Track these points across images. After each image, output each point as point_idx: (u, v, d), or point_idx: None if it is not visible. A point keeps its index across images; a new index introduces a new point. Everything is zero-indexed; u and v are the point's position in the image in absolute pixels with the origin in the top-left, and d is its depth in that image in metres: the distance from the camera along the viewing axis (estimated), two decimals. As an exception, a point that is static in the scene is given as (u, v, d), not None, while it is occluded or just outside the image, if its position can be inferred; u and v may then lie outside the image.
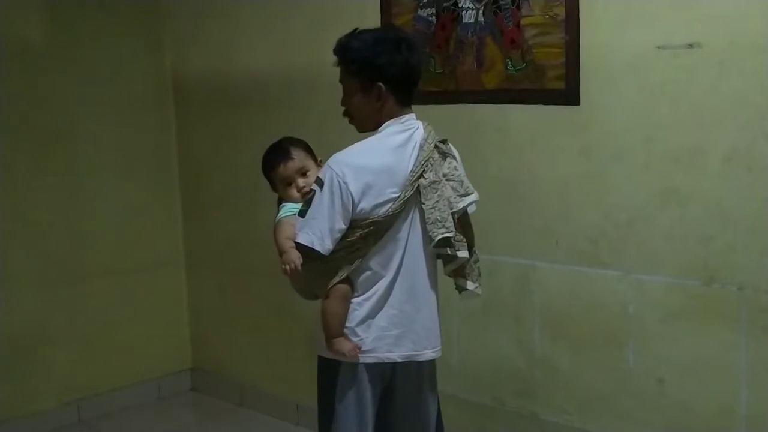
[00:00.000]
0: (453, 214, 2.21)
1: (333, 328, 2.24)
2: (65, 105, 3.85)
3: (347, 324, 2.25)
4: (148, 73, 4.14)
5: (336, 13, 3.38)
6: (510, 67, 2.91)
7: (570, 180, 2.83)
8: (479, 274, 2.35)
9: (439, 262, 2.35)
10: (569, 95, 2.77)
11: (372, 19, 3.17)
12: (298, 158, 2.36)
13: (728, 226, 2.51)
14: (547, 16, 2.78)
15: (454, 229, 2.21)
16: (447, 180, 2.23)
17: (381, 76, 2.21)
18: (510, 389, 3.06)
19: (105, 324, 4.02)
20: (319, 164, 2.37)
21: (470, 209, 2.32)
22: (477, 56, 2.98)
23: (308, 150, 2.42)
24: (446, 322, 2.53)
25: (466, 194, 2.24)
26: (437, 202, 2.19)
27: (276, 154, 2.38)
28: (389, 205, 2.18)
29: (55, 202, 3.84)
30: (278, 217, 2.33)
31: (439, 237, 2.18)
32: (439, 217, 2.18)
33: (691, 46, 2.50)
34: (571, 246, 2.85)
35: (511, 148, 2.96)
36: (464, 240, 2.27)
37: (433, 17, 3.08)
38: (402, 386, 2.32)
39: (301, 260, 2.19)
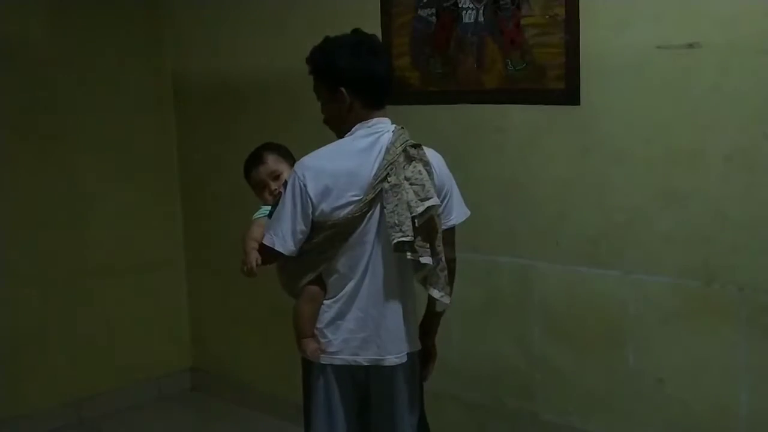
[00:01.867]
0: (414, 218, 2.17)
1: (300, 328, 2.29)
2: (65, 105, 3.85)
3: (317, 325, 2.28)
4: (148, 73, 4.15)
5: (336, 13, 3.38)
6: (510, 67, 2.91)
7: (570, 180, 2.83)
8: (447, 283, 2.30)
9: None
10: (569, 95, 2.77)
11: (372, 20, 3.18)
12: (270, 162, 2.43)
13: (728, 226, 2.51)
14: (547, 16, 2.78)
15: (411, 234, 2.16)
16: (410, 184, 2.19)
17: (341, 80, 2.22)
18: (510, 389, 3.06)
19: (105, 324, 4.02)
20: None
21: (456, 221, 2.32)
22: (477, 56, 2.98)
23: (284, 154, 2.46)
24: (446, 322, 2.53)
25: (426, 198, 2.19)
26: (396, 206, 2.17)
27: (249, 160, 2.47)
28: (350, 208, 2.18)
29: (55, 202, 3.84)
30: (253, 218, 2.40)
31: (395, 241, 2.16)
32: (397, 221, 2.16)
33: (691, 46, 2.51)
34: (571, 246, 2.85)
35: (511, 148, 2.96)
36: (428, 246, 2.21)
37: (433, 17, 3.08)
38: (376, 391, 2.32)
39: (260, 262, 2.26)
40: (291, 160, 2.44)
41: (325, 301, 2.27)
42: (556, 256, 2.89)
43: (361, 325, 2.26)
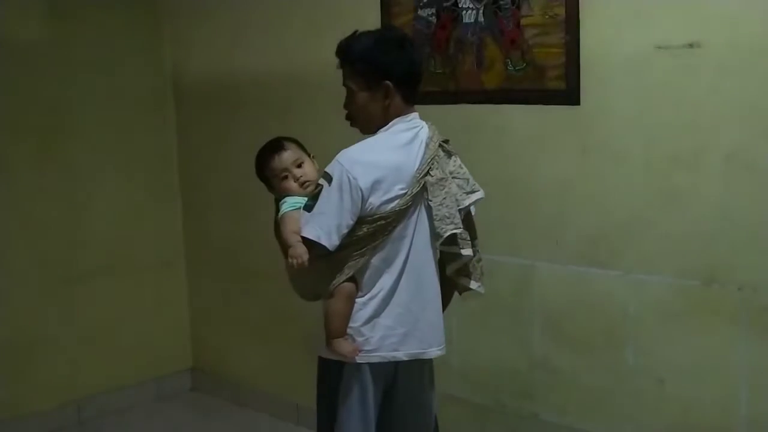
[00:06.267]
0: (459, 211, 2.23)
1: (336, 329, 2.22)
2: (65, 105, 3.84)
3: (352, 324, 2.23)
4: (148, 73, 4.14)
5: (336, 13, 3.38)
6: (510, 67, 2.91)
7: (570, 180, 2.83)
8: (482, 273, 2.36)
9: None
10: (569, 95, 2.77)
11: (372, 19, 3.18)
12: (291, 150, 2.36)
13: (728, 226, 2.51)
14: (547, 16, 2.78)
15: (461, 226, 2.22)
16: (453, 177, 2.25)
17: (388, 74, 2.21)
18: (510, 390, 3.06)
19: (105, 324, 4.02)
20: (312, 158, 2.38)
21: (473, 208, 2.34)
22: (477, 56, 2.98)
23: (300, 144, 2.41)
24: (446, 322, 2.52)
25: (473, 191, 2.27)
26: (444, 198, 2.20)
27: (268, 150, 2.37)
28: (396, 201, 2.18)
29: (55, 202, 3.84)
30: (282, 212, 2.29)
31: (449, 233, 2.19)
32: (447, 214, 2.19)
33: (691, 46, 2.50)
34: (571, 246, 2.85)
35: (511, 148, 2.96)
36: (468, 238, 2.28)
37: (433, 17, 3.08)
38: (405, 385, 2.31)
39: (308, 255, 2.15)
40: (306, 150, 2.40)
41: (357, 299, 2.23)
42: (556, 256, 2.89)
43: (401, 320, 2.24)
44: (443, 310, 2.42)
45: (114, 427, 3.93)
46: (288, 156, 2.33)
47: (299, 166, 2.34)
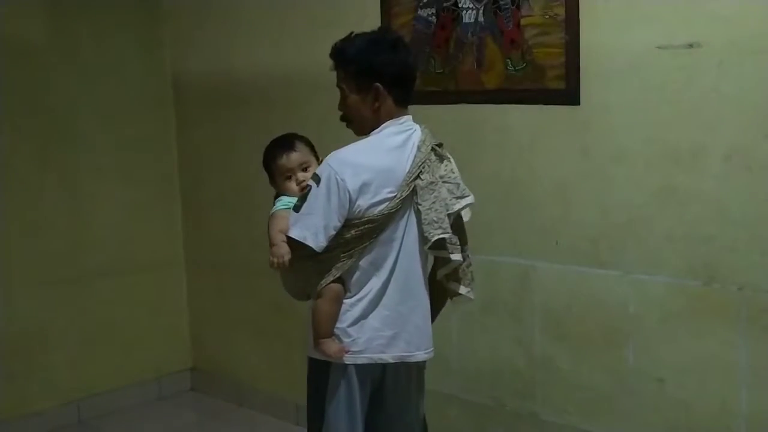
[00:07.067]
0: (448, 215, 2.21)
1: (323, 329, 2.24)
2: (65, 105, 3.85)
3: (339, 324, 2.24)
4: (148, 73, 4.14)
5: (336, 13, 3.38)
6: (510, 67, 2.91)
7: (570, 180, 2.83)
8: (472, 279, 2.35)
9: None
10: (569, 95, 2.77)
11: (372, 19, 3.17)
12: (301, 152, 2.35)
13: (728, 226, 2.51)
14: (547, 16, 2.78)
15: (450, 231, 2.21)
16: (443, 182, 2.23)
17: (379, 76, 2.21)
18: (510, 389, 3.06)
19: (105, 324, 4.02)
20: (320, 162, 2.37)
21: (466, 216, 2.32)
22: (477, 56, 2.98)
23: (311, 146, 2.41)
24: (446, 322, 2.54)
25: (462, 197, 2.25)
26: (434, 203, 2.19)
27: (280, 146, 2.37)
28: (385, 204, 2.18)
29: (55, 202, 3.84)
30: (273, 210, 2.31)
31: (436, 237, 2.18)
32: (435, 218, 2.18)
33: (691, 46, 2.51)
34: (571, 246, 2.85)
35: (511, 148, 2.96)
36: (458, 243, 2.26)
37: (433, 17, 3.08)
38: (392, 388, 2.31)
39: (290, 255, 2.18)
40: (316, 153, 2.39)
41: (346, 300, 2.23)
42: (556, 256, 2.89)
43: (388, 323, 2.24)
44: (437, 314, 2.42)
45: (114, 427, 3.93)
46: (296, 158, 2.34)
47: (305, 169, 2.34)
